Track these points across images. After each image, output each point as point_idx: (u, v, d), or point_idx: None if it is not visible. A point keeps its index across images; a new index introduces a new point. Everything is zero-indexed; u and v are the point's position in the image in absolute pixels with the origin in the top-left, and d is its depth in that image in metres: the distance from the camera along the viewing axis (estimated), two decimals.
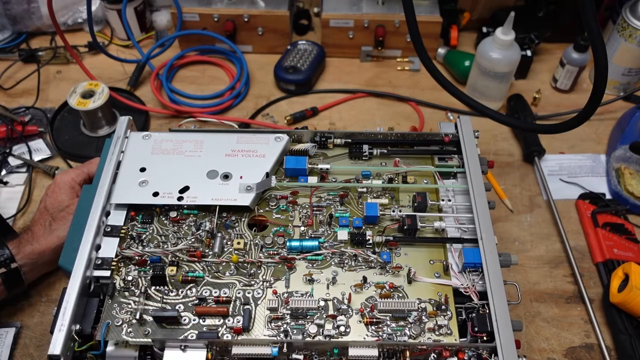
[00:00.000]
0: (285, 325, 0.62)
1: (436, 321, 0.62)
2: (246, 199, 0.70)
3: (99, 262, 0.65)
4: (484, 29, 1.10)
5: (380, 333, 0.61)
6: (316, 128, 0.99)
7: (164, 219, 0.70)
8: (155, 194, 0.70)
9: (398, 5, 1.08)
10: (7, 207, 0.89)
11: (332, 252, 0.67)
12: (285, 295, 0.64)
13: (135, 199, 0.70)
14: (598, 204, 0.90)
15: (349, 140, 0.78)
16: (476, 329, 0.60)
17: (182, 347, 0.59)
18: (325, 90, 1.08)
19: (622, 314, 0.76)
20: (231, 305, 0.63)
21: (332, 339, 0.60)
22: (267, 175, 0.73)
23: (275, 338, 0.60)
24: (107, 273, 0.65)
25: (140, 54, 1.08)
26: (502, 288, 0.62)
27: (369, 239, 0.67)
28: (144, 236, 0.68)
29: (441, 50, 1.12)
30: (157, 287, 0.64)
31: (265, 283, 0.65)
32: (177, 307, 0.63)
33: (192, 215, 0.70)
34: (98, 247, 0.66)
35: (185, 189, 0.71)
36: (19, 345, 0.74)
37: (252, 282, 0.65)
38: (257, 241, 0.68)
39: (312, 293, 0.64)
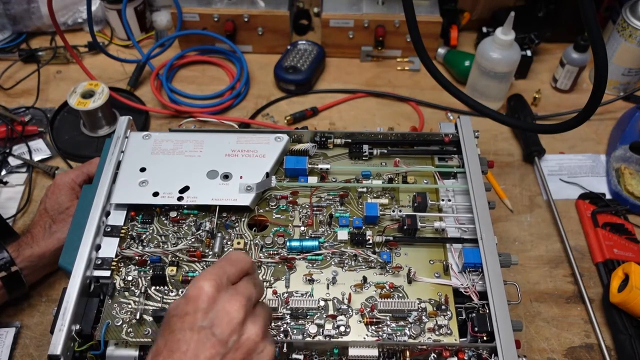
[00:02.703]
0: (285, 325, 0.62)
1: (436, 321, 0.62)
2: (246, 199, 0.70)
3: (99, 262, 0.65)
4: (484, 29, 1.10)
5: (380, 333, 0.61)
6: (316, 128, 0.99)
7: (164, 219, 0.70)
8: (155, 194, 0.70)
9: (398, 5, 1.08)
10: (7, 207, 0.89)
11: (332, 252, 0.67)
12: (285, 295, 0.64)
13: (135, 199, 0.70)
14: (598, 204, 0.90)
15: (349, 140, 0.78)
16: (476, 329, 0.60)
17: None
18: (325, 90, 1.08)
19: (622, 314, 0.76)
20: None
21: (332, 339, 0.60)
22: (267, 175, 0.73)
23: (275, 338, 0.60)
24: (107, 273, 0.65)
25: (140, 54, 1.08)
26: (502, 288, 0.62)
27: (369, 239, 0.67)
28: (144, 236, 0.68)
29: (441, 50, 1.12)
30: (157, 287, 0.64)
31: (265, 283, 0.65)
32: None
33: (192, 215, 0.70)
34: (98, 247, 0.66)
35: (185, 189, 0.71)
36: (19, 345, 0.74)
37: None
38: (257, 241, 0.69)
39: (312, 293, 0.64)
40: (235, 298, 0.51)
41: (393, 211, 0.71)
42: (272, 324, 0.62)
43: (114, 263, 0.65)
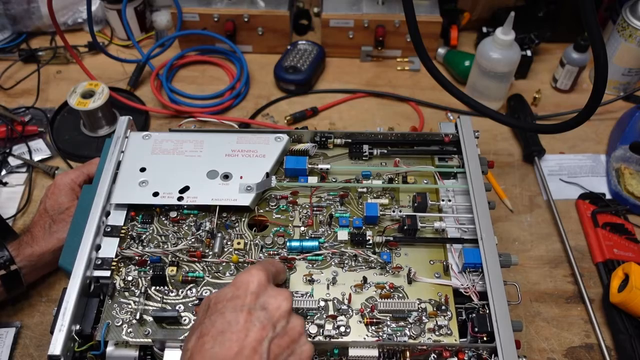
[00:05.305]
0: None
1: (436, 321, 0.62)
2: (246, 199, 0.70)
3: (99, 262, 0.65)
4: (484, 29, 1.10)
5: (380, 333, 0.61)
6: (316, 128, 0.99)
7: (164, 219, 0.70)
8: (155, 194, 0.70)
9: (398, 5, 1.08)
10: (7, 207, 0.89)
11: (332, 252, 0.67)
12: None
13: (135, 199, 0.70)
14: (598, 204, 0.90)
15: (349, 140, 0.78)
16: (476, 329, 0.60)
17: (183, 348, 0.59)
18: (325, 90, 1.08)
19: (622, 314, 0.76)
20: None
21: (332, 339, 0.60)
22: (267, 175, 0.73)
23: None
24: (107, 273, 0.65)
25: (140, 54, 1.08)
26: (502, 288, 0.62)
27: (369, 239, 0.67)
28: (144, 236, 0.68)
29: (441, 50, 1.12)
30: (157, 287, 0.64)
31: None
32: (177, 307, 0.63)
33: (192, 215, 0.70)
34: (98, 247, 0.66)
35: (185, 189, 0.71)
36: (19, 345, 0.74)
37: None
38: (257, 241, 0.68)
39: (312, 293, 0.64)
40: (283, 290, 0.54)
41: (393, 211, 0.71)
42: None
43: (114, 263, 0.65)
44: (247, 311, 0.50)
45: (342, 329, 0.61)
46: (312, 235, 0.69)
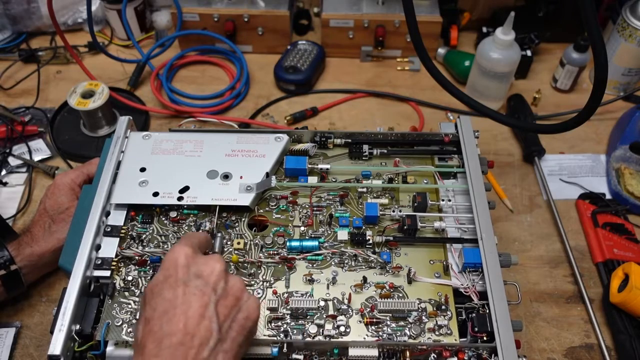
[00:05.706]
0: (285, 325, 0.62)
1: (436, 321, 0.62)
2: (246, 199, 0.70)
3: (99, 262, 0.65)
4: (484, 29, 1.10)
5: (380, 333, 0.61)
6: (316, 128, 0.99)
7: (164, 219, 0.70)
8: (155, 194, 0.70)
9: (398, 5, 1.08)
10: (7, 207, 0.89)
11: (332, 252, 0.67)
12: (285, 295, 0.64)
13: (135, 199, 0.70)
14: (598, 204, 0.90)
15: (349, 140, 0.78)
16: (476, 329, 0.60)
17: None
18: (325, 90, 1.08)
19: (622, 314, 0.76)
20: None
21: (332, 339, 0.60)
22: (267, 175, 0.73)
23: (275, 338, 0.60)
24: (107, 273, 0.65)
25: (140, 54, 1.08)
26: (502, 288, 0.62)
27: (369, 239, 0.67)
28: (144, 236, 0.68)
29: (441, 50, 1.12)
30: None
31: (265, 283, 0.65)
32: None
33: (192, 215, 0.70)
34: (98, 247, 0.66)
35: (185, 189, 0.71)
36: (19, 345, 0.74)
37: (252, 282, 0.65)
38: (257, 241, 0.68)
39: (312, 293, 0.64)
40: (212, 255, 0.55)
41: (393, 211, 0.71)
42: (272, 323, 0.62)
43: (114, 263, 0.65)
44: (183, 284, 0.51)
45: (342, 328, 0.61)
46: (312, 235, 0.69)
